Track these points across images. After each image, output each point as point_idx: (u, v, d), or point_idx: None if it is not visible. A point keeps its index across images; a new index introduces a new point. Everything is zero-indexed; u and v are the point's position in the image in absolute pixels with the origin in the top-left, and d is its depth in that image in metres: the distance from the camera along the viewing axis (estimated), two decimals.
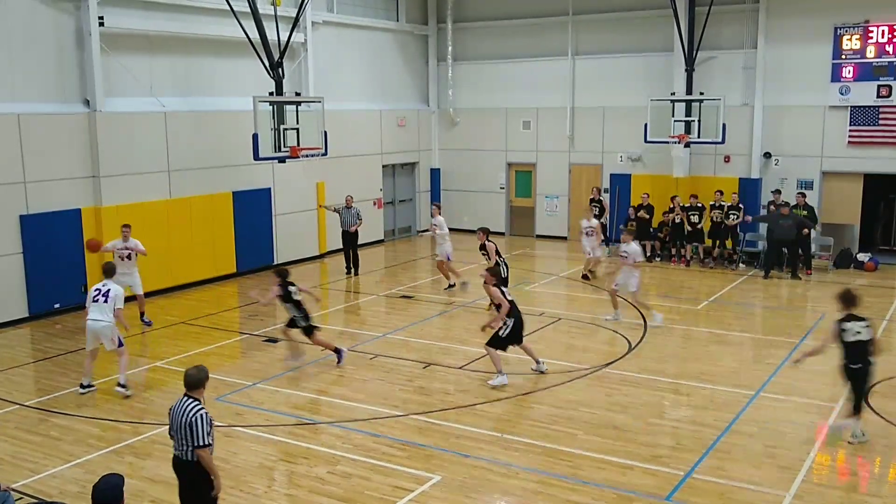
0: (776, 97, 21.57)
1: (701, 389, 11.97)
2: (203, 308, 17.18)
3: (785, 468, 9.28)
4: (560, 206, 25.27)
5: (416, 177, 26.72)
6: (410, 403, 11.46)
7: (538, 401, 11.58)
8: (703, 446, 9.91)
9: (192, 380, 7.08)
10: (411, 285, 19.42)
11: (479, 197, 26.53)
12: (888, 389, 11.78)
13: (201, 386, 7.11)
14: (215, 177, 19.23)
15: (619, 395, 11.77)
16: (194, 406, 6.95)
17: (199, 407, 6.97)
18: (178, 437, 7.00)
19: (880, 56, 20.32)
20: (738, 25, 21.76)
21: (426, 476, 9.15)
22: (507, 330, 12.04)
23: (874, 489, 8.88)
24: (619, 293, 15.63)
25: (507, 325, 12.03)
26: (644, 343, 14.27)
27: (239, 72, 19.26)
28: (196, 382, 7.08)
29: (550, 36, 24.65)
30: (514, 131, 25.75)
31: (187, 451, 6.94)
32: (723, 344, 14.37)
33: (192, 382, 7.07)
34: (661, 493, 8.71)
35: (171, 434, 7.13)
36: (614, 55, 23.70)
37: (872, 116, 20.56)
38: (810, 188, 21.18)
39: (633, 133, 22.33)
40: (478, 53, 26.03)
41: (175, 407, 7.08)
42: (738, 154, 21.99)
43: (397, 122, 25.44)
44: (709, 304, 17.36)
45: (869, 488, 8.90)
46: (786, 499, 8.53)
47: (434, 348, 14.10)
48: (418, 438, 10.24)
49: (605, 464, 9.46)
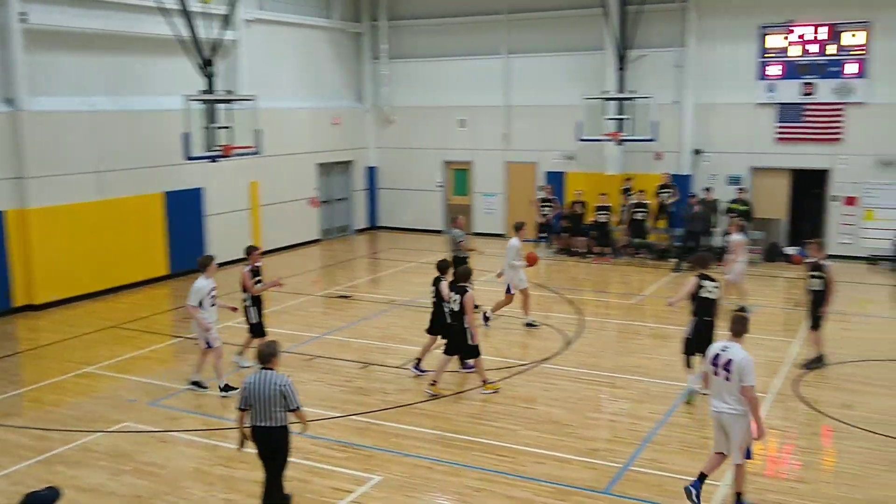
0: (706, 95, 22.02)
1: (637, 382, 12.15)
2: (135, 311, 16.78)
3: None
4: (497, 203, 25.39)
5: (352, 175, 26.57)
6: (349, 404, 11.39)
7: (478, 397, 11.61)
8: (640, 439, 10.08)
9: (265, 353, 7.86)
10: (349, 285, 19.30)
11: (417, 195, 26.51)
12: (816, 380, 12.15)
13: (275, 356, 7.86)
14: (146, 177, 18.80)
15: (557, 390, 11.89)
16: (279, 376, 7.73)
17: (284, 376, 7.78)
18: (263, 407, 7.67)
19: (804, 55, 20.94)
20: (668, 24, 22.16)
21: (366, 477, 9.11)
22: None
23: (802, 476, 9.14)
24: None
25: None
26: (581, 338, 14.44)
27: (170, 70, 18.84)
28: (269, 355, 7.84)
29: (485, 34, 24.75)
30: (450, 129, 25.77)
31: (278, 417, 7.71)
32: (657, 337, 14.63)
33: (266, 355, 7.84)
34: (599, 486, 8.83)
35: (248, 407, 7.76)
36: (548, 54, 23.92)
37: (798, 114, 21.17)
38: (737, 184, 21.69)
39: (567, 131, 22.55)
40: (413, 51, 26.00)
41: (254, 380, 7.74)
42: (670, 151, 22.41)
43: (332, 121, 25.26)
44: (643, 298, 17.65)
45: (797, 475, 9.16)
46: (720, 488, 8.72)
47: (373, 348, 14.03)
48: (358, 439, 10.18)
49: (545, 458, 9.55)
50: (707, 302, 11.21)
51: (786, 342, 14.00)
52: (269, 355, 7.87)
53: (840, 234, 21.21)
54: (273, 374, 7.77)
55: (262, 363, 7.86)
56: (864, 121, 20.48)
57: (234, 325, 14.17)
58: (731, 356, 8.03)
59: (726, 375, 8.04)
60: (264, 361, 7.85)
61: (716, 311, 11.27)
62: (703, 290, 11.19)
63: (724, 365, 8.06)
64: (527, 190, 24.36)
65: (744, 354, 8.04)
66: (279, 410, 7.71)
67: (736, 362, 7.96)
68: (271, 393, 7.67)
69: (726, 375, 8.04)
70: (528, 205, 23.45)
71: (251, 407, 7.76)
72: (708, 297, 11.19)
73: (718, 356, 8.17)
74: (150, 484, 9.05)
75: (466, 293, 11.53)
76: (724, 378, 8.06)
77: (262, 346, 8.02)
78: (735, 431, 8.06)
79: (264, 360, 7.86)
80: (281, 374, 7.79)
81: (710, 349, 8.43)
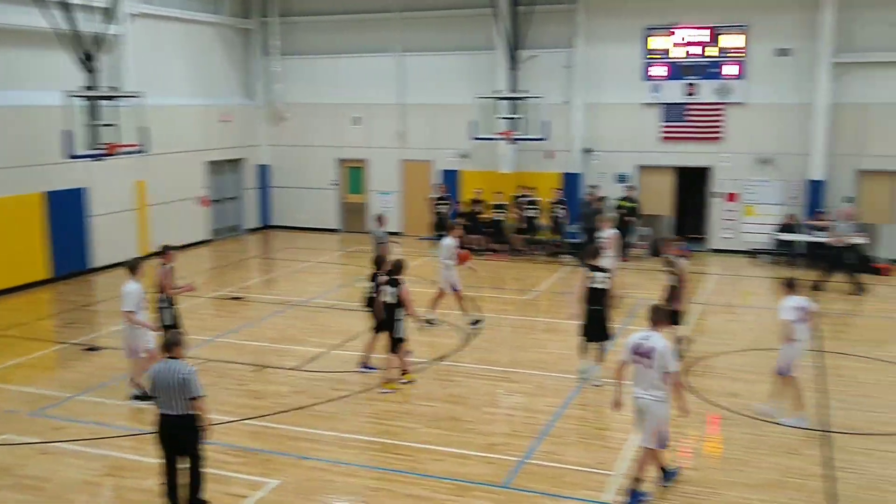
0: (595, 95, 22.56)
1: (533, 377, 12.34)
2: (15, 317, 15.96)
3: (612, 448, 9.75)
4: (393, 202, 25.32)
5: (243, 174, 26.02)
6: (244, 408, 11.14)
7: (376, 397, 11.55)
8: (537, 432, 10.23)
9: (169, 342, 7.98)
10: (242, 286, 18.89)
11: (311, 194, 26.18)
12: (703, 370, 12.62)
13: (178, 345, 7.95)
14: (24, 177, 17.87)
15: (455, 386, 11.95)
16: (182, 365, 7.82)
17: (187, 364, 7.86)
18: (167, 396, 7.75)
19: (686, 56, 21.71)
20: (558, 25, 22.57)
21: (263, 481, 8.93)
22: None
23: (692, 463, 9.46)
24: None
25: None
26: (478, 335, 14.56)
27: (49, 65, 17.94)
28: (173, 343, 7.94)
29: (379, 32, 24.64)
30: (344, 127, 25.56)
31: (181, 406, 7.75)
32: (552, 332, 14.90)
33: (170, 344, 7.95)
34: (497, 481, 8.91)
35: (157, 395, 7.84)
36: (442, 53, 24.01)
37: (681, 113, 21.95)
38: (625, 182, 22.32)
39: (462, 130, 22.69)
40: (306, 48, 25.65)
41: (159, 369, 7.85)
42: (561, 150, 22.86)
43: (222, 118, 24.67)
44: (538, 294, 17.95)
45: (687, 463, 9.46)
46: (613, 477, 8.94)
47: (268, 350, 13.77)
48: (253, 443, 9.98)
49: (444, 455, 9.58)
50: (596, 292, 11.78)
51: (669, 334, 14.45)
52: (172, 344, 7.97)
53: (722, 229, 22.13)
54: (177, 362, 7.86)
55: (166, 352, 7.97)
56: (744, 120, 21.41)
57: None
58: (653, 345, 8.31)
59: (648, 363, 8.30)
60: (168, 350, 7.96)
61: (606, 300, 11.83)
62: (592, 281, 11.78)
63: (646, 353, 8.31)
64: (423, 188, 24.40)
65: (665, 343, 8.34)
66: (182, 399, 7.77)
67: (658, 350, 8.24)
68: (174, 381, 7.74)
69: (648, 363, 8.30)
70: (424, 203, 23.52)
71: (158, 396, 7.87)
72: (597, 287, 11.77)
73: (640, 345, 8.41)
74: (32, 499, 8.62)
75: (402, 286, 11.70)
76: (647, 366, 8.32)
77: (167, 335, 8.25)
78: (652, 417, 8.33)
79: (168, 348, 7.97)
80: (185, 363, 7.87)
81: (630, 339, 8.64)
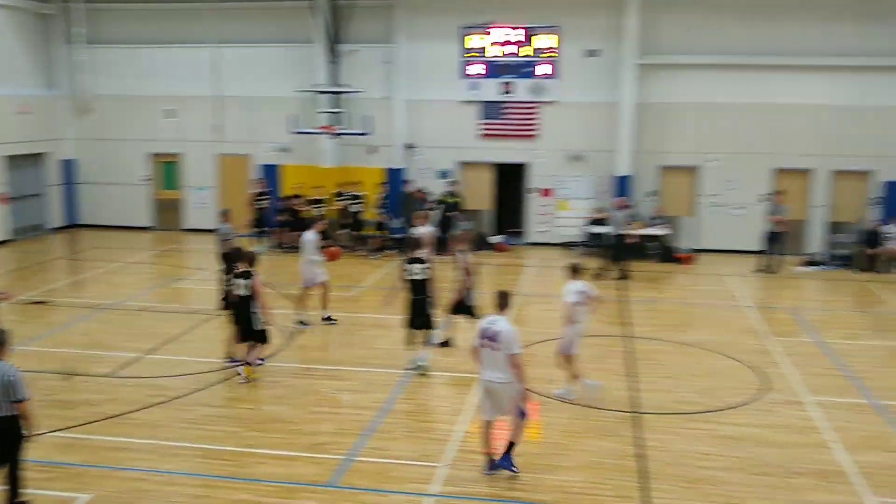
0: (415, 91, 22.81)
1: (359, 373, 12.32)
2: None
3: (439, 440, 9.90)
4: (209, 198, 24.49)
5: (45, 169, 24.32)
6: (51, 419, 10.38)
7: (196, 402, 11.13)
8: (364, 428, 10.21)
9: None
10: (45, 289, 17.64)
11: (120, 190, 24.88)
12: (526, 357, 13.00)
13: (3, 345, 7.64)
14: None
15: (280, 387, 11.73)
16: (7, 366, 7.55)
17: (13, 366, 7.57)
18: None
19: (503, 56, 22.36)
20: (377, 21, 22.62)
21: (74, 496, 8.41)
22: None
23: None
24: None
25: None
26: (304, 334, 14.35)
27: None
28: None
29: (193, 22, 23.74)
30: (157, 120, 24.48)
31: (4, 408, 7.48)
32: (378, 327, 14.90)
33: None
34: (324, 480, 8.83)
35: None
36: (259, 45, 23.45)
37: (498, 111, 22.59)
38: (446, 177, 22.73)
39: (281, 123, 22.26)
40: (115, 37, 24.28)
41: None
42: (384, 145, 22.93)
43: (18, 110, 22.93)
44: (363, 289, 17.93)
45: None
46: (440, 468, 9.08)
47: (77, 357, 12.92)
48: (63, 457, 9.36)
49: (269, 458, 9.38)
50: (415, 283, 12.24)
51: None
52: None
53: (538, 223, 23.00)
54: (2, 363, 7.59)
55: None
56: (557, 118, 22.35)
57: None
58: (499, 329, 8.63)
59: (495, 346, 8.60)
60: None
61: (427, 290, 12.30)
62: (410, 273, 12.23)
63: (492, 337, 8.62)
64: (241, 183, 23.78)
65: (509, 327, 8.66)
66: (5, 401, 7.51)
67: (503, 334, 8.57)
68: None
69: (495, 346, 8.60)
70: (243, 198, 22.91)
71: None
72: (415, 278, 12.21)
73: (486, 329, 8.73)
74: None
75: (254, 277, 11.62)
76: (494, 349, 8.62)
77: None
78: (506, 398, 8.71)
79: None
80: (9, 365, 7.58)
81: (478, 324, 8.90)
